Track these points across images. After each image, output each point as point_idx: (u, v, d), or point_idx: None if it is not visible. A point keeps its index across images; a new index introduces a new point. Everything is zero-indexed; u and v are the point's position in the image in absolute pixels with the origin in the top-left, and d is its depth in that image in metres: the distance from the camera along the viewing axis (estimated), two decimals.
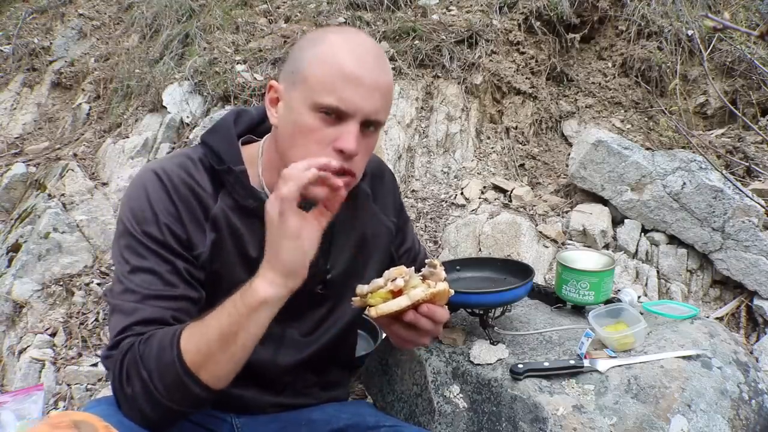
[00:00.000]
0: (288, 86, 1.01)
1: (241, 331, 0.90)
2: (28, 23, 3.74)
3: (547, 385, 1.15)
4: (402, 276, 0.97)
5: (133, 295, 0.98)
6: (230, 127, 1.11)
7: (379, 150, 2.62)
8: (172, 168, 1.05)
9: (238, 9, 3.27)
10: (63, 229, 2.39)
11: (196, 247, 1.03)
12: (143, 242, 1.00)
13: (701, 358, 1.22)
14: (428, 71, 2.87)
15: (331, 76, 0.95)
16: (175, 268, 1.00)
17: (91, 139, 2.98)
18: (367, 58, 0.98)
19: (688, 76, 2.84)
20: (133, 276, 0.99)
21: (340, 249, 1.18)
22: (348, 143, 0.96)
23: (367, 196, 1.23)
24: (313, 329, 1.18)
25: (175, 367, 0.89)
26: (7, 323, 2.18)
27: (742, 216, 2.15)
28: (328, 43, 0.98)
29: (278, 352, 1.14)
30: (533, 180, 2.68)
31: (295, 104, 0.99)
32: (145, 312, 0.97)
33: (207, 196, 1.05)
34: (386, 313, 0.97)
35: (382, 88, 0.99)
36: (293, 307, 1.14)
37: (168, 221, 1.01)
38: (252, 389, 1.15)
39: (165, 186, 1.02)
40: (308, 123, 0.97)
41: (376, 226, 1.25)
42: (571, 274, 1.39)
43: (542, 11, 2.94)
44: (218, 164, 1.06)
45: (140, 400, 0.91)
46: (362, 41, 1.00)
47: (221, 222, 1.05)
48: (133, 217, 1.01)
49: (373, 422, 1.19)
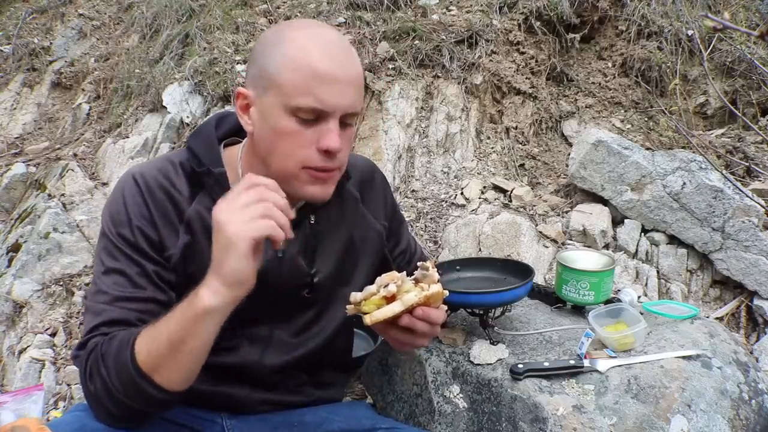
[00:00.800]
0: (258, 92, 1.00)
1: (189, 337, 0.90)
2: (28, 23, 3.74)
3: (547, 385, 1.15)
4: (394, 281, 0.97)
5: (103, 296, 1.00)
6: (211, 131, 1.13)
7: (379, 150, 2.62)
8: (151, 172, 1.07)
9: (238, 9, 3.27)
10: (63, 229, 2.39)
11: (167, 248, 1.04)
12: (116, 244, 1.02)
13: (701, 358, 1.22)
14: (428, 71, 2.87)
15: (304, 78, 0.95)
16: (144, 270, 1.02)
17: (91, 139, 2.98)
18: (337, 53, 0.98)
19: (688, 76, 2.84)
20: (105, 277, 1.02)
21: (326, 253, 1.17)
22: (332, 142, 0.97)
23: (355, 199, 1.23)
24: (303, 331, 1.18)
25: (128, 367, 0.91)
26: (7, 323, 2.18)
27: (742, 216, 2.15)
28: (293, 43, 0.97)
29: (266, 353, 1.14)
30: (533, 180, 2.68)
31: (269, 110, 0.99)
32: (113, 313, 0.99)
33: (183, 199, 1.06)
34: (380, 320, 0.97)
35: (355, 81, 1.00)
36: (280, 310, 1.15)
37: (141, 224, 1.03)
38: (241, 387, 1.15)
39: (141, 190, 1.05)
40: (287, 127, 0.97)
41: (365, 230, 1.24)
42: (571, 274, 1.39)
43: (542, 11, 2.94)
44: (198, 166, 1.07)
45: (102, 397, 0.94)
46: (327, 36, 1.00)
47: (195, 224, 1.06)
48: (111, 219, 1.05)
49: (368, 425, 1.19)
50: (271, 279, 1.10)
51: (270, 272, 1.09)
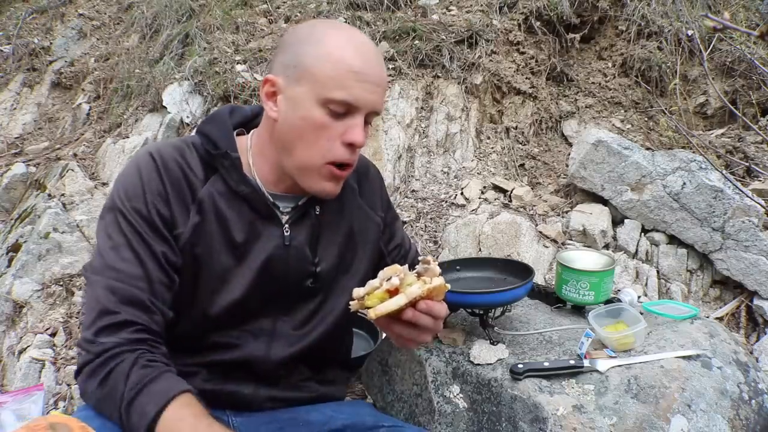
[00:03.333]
0: (288, 81, 1.03)
1: None
2: (28, 23, 3.74)
3: (547, 385, 1.15)
4: (397, 274, 0.97)
5: (114, 273, 1.00)
6: (226, 118, 1.15)
7: (379, 150, 2.62)
8: (167, 149, 1.09)
9: (238, 9, 3.27)
10: (63, 229, 2.39)
11: (177, 226, 1.05)
12: (128, 218, 1.02)
13: (701, 358, 1.22)
14: (428, 71, 2.87)
15: (341, 72, 1.00)
16: (152, 251, 1.02)
17: (91, 139, 2.98)
18: (371, 55, 1.04)
19: (688, 76, 2.84)
20: (114, 252, 1.01)
21: (328, 243, 1.19)
22: (358, 136, 1.02)
23: (353, 190, 1.25)
24: (305, 322, 1.19)
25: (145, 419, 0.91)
26: (7, 323, 2.18)
27: (742, 216, 2.15)
28: (333, 40, 1.02)
29: (271, 346, 1.15)
30: (533, 180, 2.68)
31: (300, 99, 1.02)
32: (126, 291, 0.99)
33: (197, 180, 1.08)
34: (385, 314, 0.97)
35: (382, 83, 1.06)
36: (284, 301, 1.16)
37: (155, 200, 1.04)
38: (247, 384, 1.16)
39: (157, 166, 1.06)
40: (317, 118, 1.01)
41: (363, 221, 1.26)
42: (571, 274, 1.39)
43: (542, 11, 2.94)
44: (214, 149, 1.08)
45: (103, 404, 0.96)
46: (362, 39, 1.06)
47: (207, 206, 1.07)
48: (124, 193, 1.04)
49: (371, 422, 1.19)
50: (277, 267, 1.11)
51: (277, 261, 1.11)
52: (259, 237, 1.11)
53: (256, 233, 1.10)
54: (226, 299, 1.09)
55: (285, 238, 1.12)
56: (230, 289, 1.09)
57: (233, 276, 1.09)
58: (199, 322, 1.10)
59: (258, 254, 1.10)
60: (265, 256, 1.10)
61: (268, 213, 1.11)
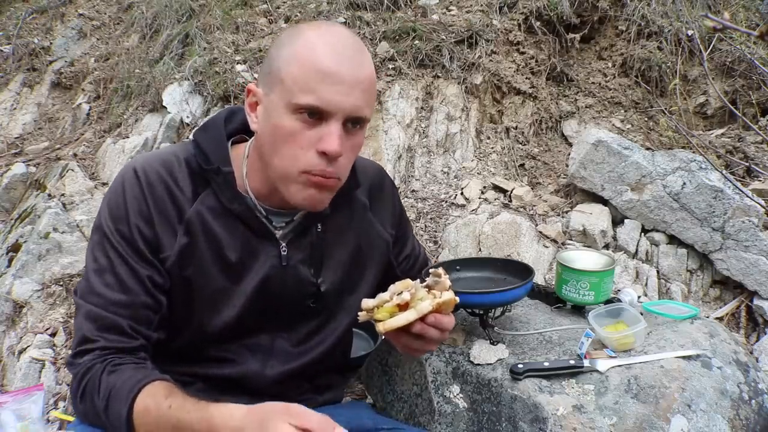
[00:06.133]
0: (266, 89, 0.97)
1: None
2: (28, 23, 3.74)
3: (547, 385, 1.15)
4: (408, 290, 0.97)
5: (96, 298, 0.99)
6: (220, 127, 1.08)
7: (379, 150, 2.62)
8: (153, 166, 1.03)
9: (238, 9, 3.27)
10: (63, 229, 2.39)
11: (163, 249, 1.01)
12: (112, 241, 0.99)
13: (701, 358, 1.22)
14: (428, 71, 2.87)
15: (307, 73, 0.90)
16: (137, 275, 0.99)
17: (91, 139, 2.98)
18: (345, 52, 0.93)
19: (688, 76, 2.84)
20: (98, 277, 1.00)
21: (332, 262, 1.14)
22: (331, 144, 0.92)
23: (363, 206, 1.19)
24: (305, 340, 1.16)
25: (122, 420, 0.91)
26: (7, 323, 2.18)
27: (742, 216, 2.15)
28: (303, 40, 0.93)
29: (267, 363, 1.12)
30: (533, 180, 2.68)
31: (273, 107, 0.95)
32: (107, 320, 0.98)
33: (184, 198, 1.02)
34: (394, 328, 0.97)
35: (363, 83, 0.94)
36: (283, 319, 1.12)
37: (138, 222, 0.99)
38: (242, 398, 1.15)
39: (141, 185, 1.01)
40: (288, 126, 0.93)
41: (373, 238, 1.21)
42: (571, 274, 1.39)
43: (542, 11, 2.94)
44: (206, 164, 1.03)
45: (90, 418, 0.98)
46: (339, 34, 0.95)
47: (196, 227, 1.02)
48: (109, 212, 1.01)
49: (371, 425, 1.19)
50: (274, 288, 1.08)
51: (274, 281, 1.07)
52: (255, 256, 1.06)
53: (251, 252, 1.06)
54: (222, 319, 1.06)
55: (282, 258, 1.07)
56: (226, 309, 1.06)
57: (228, 297, 1.06)
58: (197, 337, 1.08)
59: (254, 274, 1.06)
60: (261, 276, 1.06)
61: (262, 231, 1.06)
